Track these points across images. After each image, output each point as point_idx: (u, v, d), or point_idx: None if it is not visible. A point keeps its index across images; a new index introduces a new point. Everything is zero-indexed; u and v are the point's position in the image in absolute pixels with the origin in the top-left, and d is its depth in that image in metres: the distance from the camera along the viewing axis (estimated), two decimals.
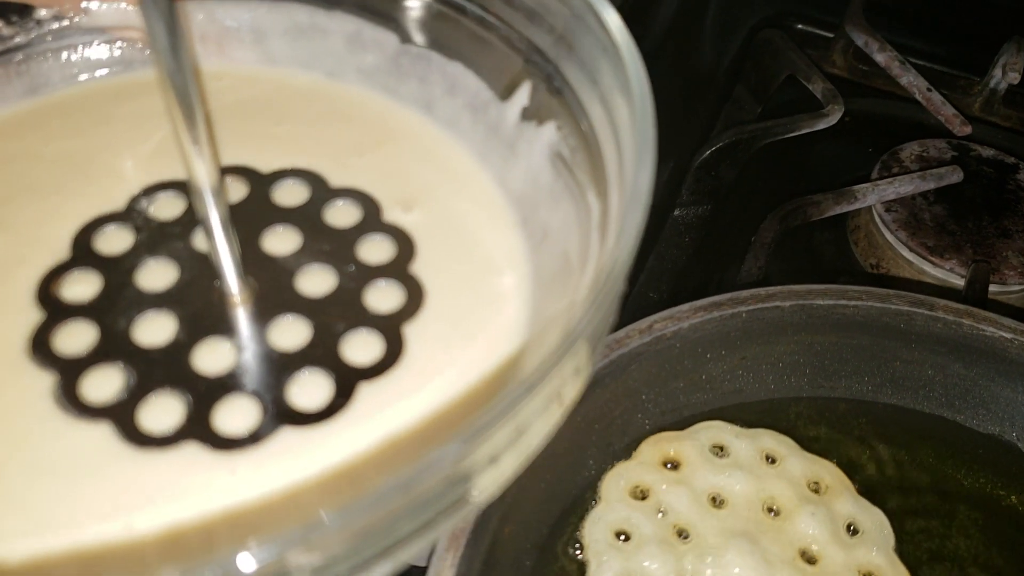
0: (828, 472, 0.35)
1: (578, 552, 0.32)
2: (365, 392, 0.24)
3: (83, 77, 0.30)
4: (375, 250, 0.28)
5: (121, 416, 0.24)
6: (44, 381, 0.24)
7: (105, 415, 0.24)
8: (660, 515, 0.32)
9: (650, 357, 0.35)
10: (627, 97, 0.21)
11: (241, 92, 0.30)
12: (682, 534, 0.32)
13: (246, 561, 0.14)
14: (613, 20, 0.22)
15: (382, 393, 0.24)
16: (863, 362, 0.37)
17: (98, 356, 0.25)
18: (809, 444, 0.36)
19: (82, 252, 0.27)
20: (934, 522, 0.35)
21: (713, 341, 0.36)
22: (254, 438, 0.23)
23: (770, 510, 0.33)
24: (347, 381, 0.25)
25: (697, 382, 0.36)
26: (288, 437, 0.24)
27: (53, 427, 0.24)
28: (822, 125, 0.53)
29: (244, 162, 0.29)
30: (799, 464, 0.35)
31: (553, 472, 0.33)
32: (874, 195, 0.49)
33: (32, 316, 0.26)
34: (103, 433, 0.24)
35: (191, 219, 0.28)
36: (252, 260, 0.27)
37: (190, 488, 0.23)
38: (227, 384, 0.24)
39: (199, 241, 0.28)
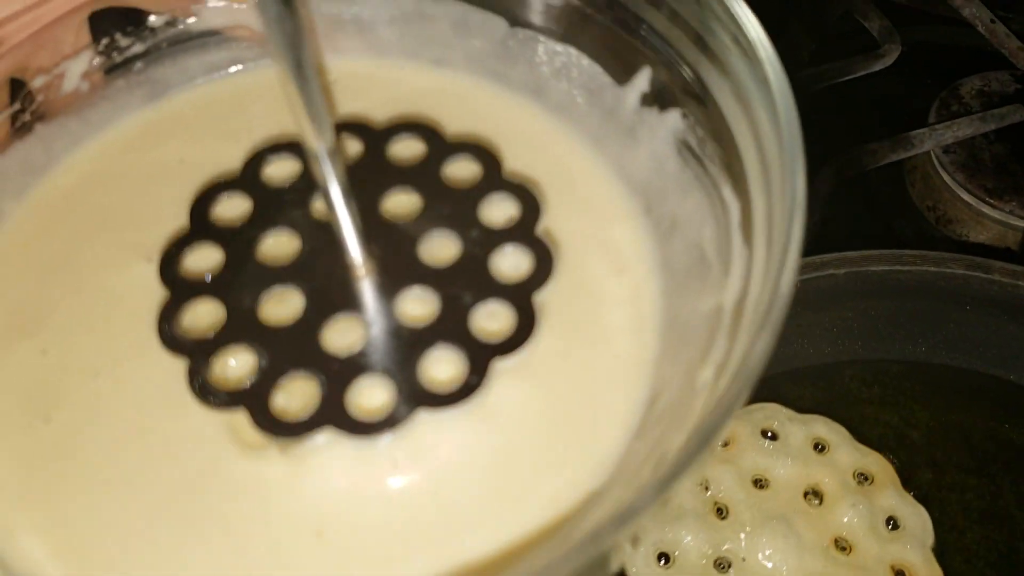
0: (877, 465, 0.35)
1: None
2: (499, 369, 0.23)
3: (200, 80, 0.30)
4: (498, 210, 0.25)
5: (254, 402, 0.22)
6: (177, 364, 0.23)
7: (239, 402, 0.22)
8: (703, 490, 0.34)
9: None
10: (767, 100, 0.20)
11: (351, 88, 0.29)
12: (721, 511, 0.33)
13: None
14: (746, 15, 0.21)
15: (517, 371, 0.23)
16: (917, 325, 0.38)
17: (226, 338, 0.23)
18: (863, 406, 0.37)
19: (201, 223, 0.26)
20: (984, 480, 0.36)
21: None
22: (390, 422, 0.22)
23: (812, 496, 0.34)
24: (480, 358, 0.23)
25: None
26: (424, 420, 0.22)
27: (183, 411, 0.23)
28: (878, 66, 0.51)
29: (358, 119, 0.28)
30: (848, 454, 0.35)
31: None
32: (931, 140, 0.48)
33: (158, 294, 0.24)
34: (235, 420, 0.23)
35: (308, 184, 0.26)
36: (374, 227, 0.25)
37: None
38: (359, 364, 0.23)
39: (318, 208, 0.25)
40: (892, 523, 0.34)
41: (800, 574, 0.32)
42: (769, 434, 0.36)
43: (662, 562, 0.32)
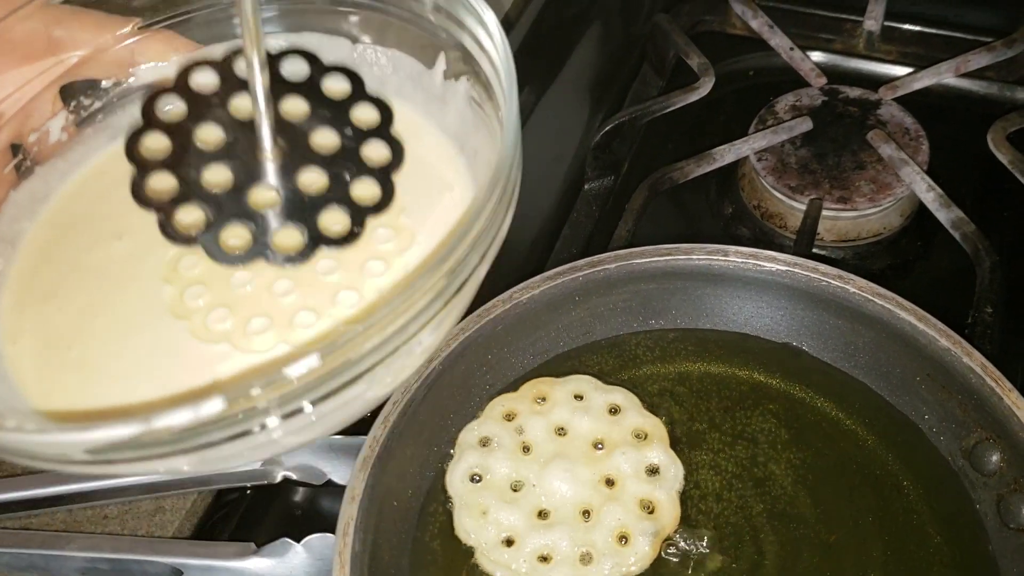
0: (654, 427, 0.45)
1: (452, 450, 0.45)
2: (371, 223, 0.34)
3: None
4: (364, 116, 0.36)
5: (209, 242, 0.33)
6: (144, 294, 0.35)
7: (196, 241, 0.33)
8: (517, 433, 0.45)
9: (512, 319, 0.47)
10: (505, 63, 0.33)
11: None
12: (526, 449, 0.45)
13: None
14: (491, 19, 0.34)
15: (381, 223, 0.34)
16: (681, 300, 0.49)
17: (182, 198, 0.34)
18: (647, 367, 0.49)
19: (149, 120, 0.36)
20: (739, 413, 0.47)
21: (562, 300, 0.48)
22: (303, 255, 0.33)
23: (598, 445, 0.45)
24: (359, 216, 0.34)
25: (555, 331, 0.49)
26: (325, 253, 0.33)
27: (158, 325, 0.35)
28: (694, 98, 0.63)
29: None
30: (634, 418, 0.45)
31: (447, 402, 0.46)
32: (731, 154, 0.59)
33: (127, 258, 0.36)
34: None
35: (227, 90, 0.36)
36: (276, 125, 0.35)
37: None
38: (279, 218, 0.33)
39: (236, 108, 0.35)
40: (653, 471, 0.44)
41: (571, 497, 0.43)
42: (578, 398, 0.47)
43: (474, 480, 0.44)
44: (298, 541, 0.43)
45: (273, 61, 0.37)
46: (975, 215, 0.56)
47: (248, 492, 0.50)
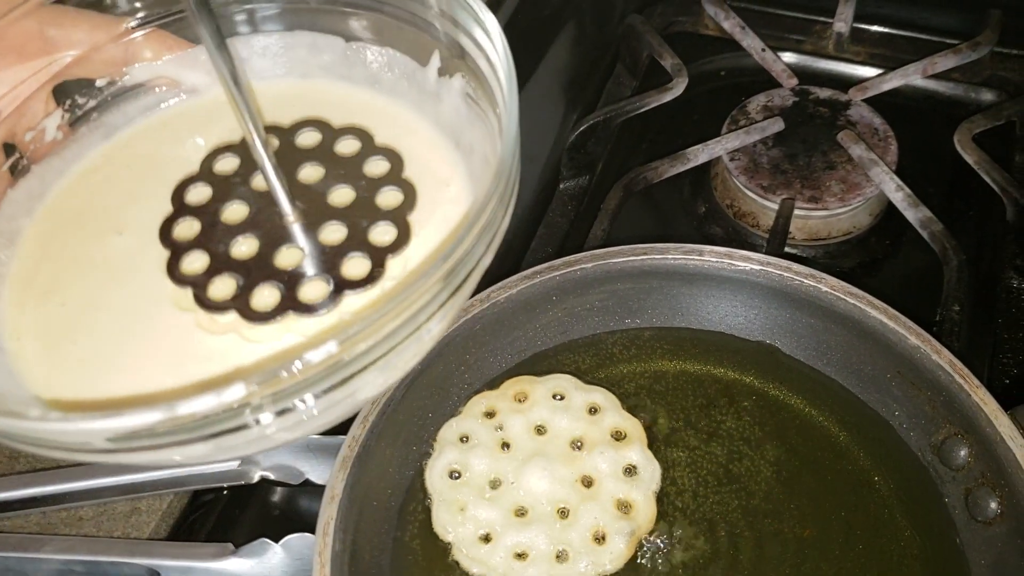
0: (633, 427, 0.46)
1: (431, 449, 0.46)
2: (391, 262, 0.35)
3: (138, 119, 0.42)
4: (376, 167, 0.38)
5: (242, 305, 0.34)
6: (165, 289, 0.35)
7: (231, 307, 0.34)
8: (497, 430, 0.45)
9: (490, 318, 0.48)
10: (503, 61, 0.33)
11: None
12: (506, 447, 0.45)
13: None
14: (488, 17, 0.34)
15: (401, 260, 0.35)
16: (657, 299, 0.49)
17: (214, 271, 0.35)
18: (623, 365, 0.49)
19: (179, 205, 0.38)
20: (714, 411, 0.47)
21: (539, 299, 0.48)
22: (329, 302, 0.33)
23: (576, 445, 0.45)
24: (379, 257, 0.35)
25: (532, 330, 0.49)
26: (350, 299, 0.34)
27: (157, 314, 0.35)
28: (668, 98, 0.63)
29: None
30: (613, 417, 0.46)
31: (425, 401, 0.46)
32: (704, 154, 0.60)
33: (127, 254, 0.37)
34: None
35: (247, 169, 0.38)
36: (295, 190, 0.36)
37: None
38: (304, 273, 0.34)
39: (256, 184, 0.37)
40: (630, 471, 0.44)
41: (548, 496, 0.43)
42: (558, 397, 0.47)
43: (453, 477, 0.44)
44: (276, 541, 0.43)
45: (287, 134, 0.40)
46: (943, 214, 0.57)
47: (225, 492, 0.50)
